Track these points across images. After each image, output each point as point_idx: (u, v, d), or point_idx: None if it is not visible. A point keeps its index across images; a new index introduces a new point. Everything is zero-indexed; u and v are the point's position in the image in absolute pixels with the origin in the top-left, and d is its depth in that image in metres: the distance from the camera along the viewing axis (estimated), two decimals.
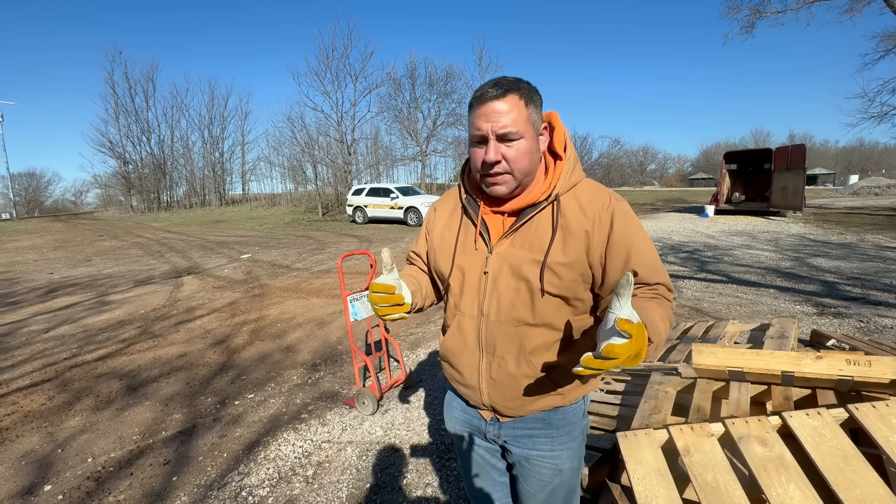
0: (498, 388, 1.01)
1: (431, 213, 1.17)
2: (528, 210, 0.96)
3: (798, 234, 10.29)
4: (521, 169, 0.92)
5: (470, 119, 0.93)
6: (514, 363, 0.98)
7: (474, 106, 0.91)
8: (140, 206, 35.11)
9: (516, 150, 0.90)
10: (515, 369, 0.98)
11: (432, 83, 29.06)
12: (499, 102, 0.88)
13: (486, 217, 1.02)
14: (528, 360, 0.97)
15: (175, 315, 5.27)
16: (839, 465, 1.19)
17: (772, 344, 2.46)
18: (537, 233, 0.95)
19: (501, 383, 1.00)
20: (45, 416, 2.95)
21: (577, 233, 0.92)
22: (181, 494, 2.14)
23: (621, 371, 2.51)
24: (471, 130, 0.93)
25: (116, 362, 3.84)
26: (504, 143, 0.90)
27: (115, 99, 34.58)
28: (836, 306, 4.66)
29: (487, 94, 0.88)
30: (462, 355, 1.05)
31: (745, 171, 17.42)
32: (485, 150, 0.91)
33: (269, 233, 15.02)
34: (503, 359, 0.98)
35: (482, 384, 1.03)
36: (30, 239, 16.10)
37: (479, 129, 0.89)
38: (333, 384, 3.30)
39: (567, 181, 0.96)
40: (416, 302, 1.04)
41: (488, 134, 0.89)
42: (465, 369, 1.05)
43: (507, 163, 0.90)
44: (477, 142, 0.92)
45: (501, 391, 1.01)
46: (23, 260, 10.65)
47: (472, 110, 0.92)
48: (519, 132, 0.89)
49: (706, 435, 1.37)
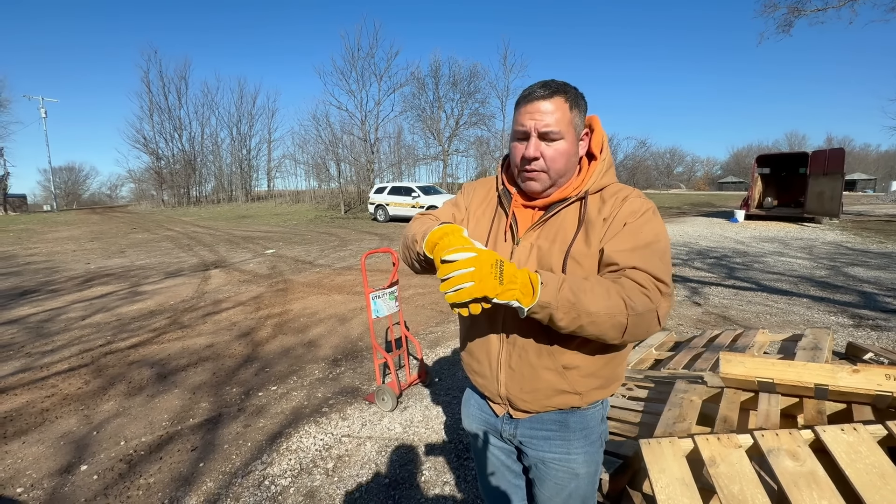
0: (516, 378, 1.01)
1: (469, 192, 1.17)
2: (556, 204, 0.99)
3: (834, 241, 9.86)
4: (557, 169, 0.95)
5: (515, 115, 0.97)
6: (536, 354, 0.98)
7: (521, 103, 0.94)
8: (171, 201, 36.39)
9: (555, 149, 0.93)
10: (537, 360, 0.98)
11: (456, 83, 29.12)
12: (545, 102, 0.91)
13: (516, 210, 1.05)
14: (550, 351, 0.97)
15: (203, 307, 5.44)
16: (876, 483, 1.14)
17: (804, 355, 2.37)
18: (563, 226, 0.98)
19: (521, 374, 1.00)
20: (81, 399, 3.09)
21: (598, 223, 0.94)
22: (207, 480, 2.22)
23: (644, 377, 2.47)
24: (514, 126, 0.97)
25: (148, 350, 3.99)
26: (545, 141, 0.93)
27: (150, 97, 35.94)
28: (874, 318, 4.45)
29: (535, 94, 0.92)
30: (482, 344, 1.06)
31: (779, 176, 16.81)
32: (525, 146, 0.94)
33: (293, 229, 15.33)
34: (525, 349, 0.99)
35: (500, 374, 1.03)
36: (68, 230, 16.88)
37: (522, 125, 0.93)
38: (354, 380, 3.35)
39: (598, 181, 0.98)
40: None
41: (531, 131, 0.92)
42: (485, 358, 1.06)
43: (544, 161, 0.94)
44: (519, 137, 0.96)
45: (519, 382, 1.01)
46: (62, 250, 11.18)
47: (518, 107, 0.95)
48: (560, 133, 0.92)
49: (734, 446, 1.33)
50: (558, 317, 0.80)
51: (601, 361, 0.99)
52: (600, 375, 1.01)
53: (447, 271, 0.77)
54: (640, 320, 0.82)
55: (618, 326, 0.82)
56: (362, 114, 27.30)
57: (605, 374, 1.01)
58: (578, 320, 0.80)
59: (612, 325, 0.81)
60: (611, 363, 1.01)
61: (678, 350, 3.13)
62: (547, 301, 0.79)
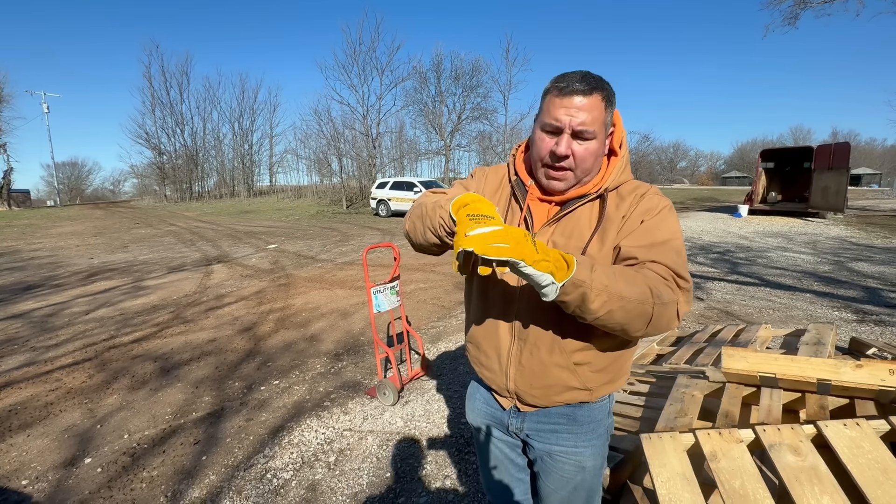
0: (526, 374, 1.00)
1: (481, 178, 1.12)
2: (574, 201, 0.96)
3: (838, 236, 9.80)
4: (585, 169, 0.92)
5: (546, 106, 0.90)
6: (548, 351, 0.97)
7: (555, 94, 0.88)
8: (173, 196, 36.42)
9: (586, 149, 0.90)
10: (548, 357, 0.97)
11: (458, 77, 28.95)
12: (583, 98, 0.86)
13: (531, 204, 1.01)
14: (563, 348, 0.96)
15: (205, 301, 5.46)
16: (878, 479, 1.14)
17: (807, 350, 2.36)
18: (579, 223, 0.96)
19: (531, 370, 0.99)
20: (85, 393, 3.11)
21: (615, 219, 0.92)
22: (210, 473, 2.23)
23: (646, 372, 2.47)
24: (544, 117, 0.90)
25: (151, 345, 4.01)
26: (577, 139, 0.89)
27: (152, 92, 35.88)
28: (878, 313, 4.43)
29: (574, 87, 0.86)
30: (492, 339, 1.04)
31: (783, 171, 16.69)
32: (555, 142, 0.89)
33: (295, 224, 15.34)
34: (536, 346, 0.97)
35: (510, 369, 1.02)
36: (72, 225, 16.94)
37: (557, 119, 0.88)
38: (355, 374, 3.36)
39: (617, 178, 0.96)
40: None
41: (565, 127, 0.88)
42: (494, 353, 1.05)
43: (573, 159, 0.90)
44: (549, 131, 0.90)
45: (529, 378, 1.00)
46: (65, 245, 11.23)
47: (550, 97, 0.89)
48: (594, 133, 0.88)
49: (735, 441, 1.33)
50: (591, 298, 0.74)
51: (611, 357, 0.99)
52: (610, 371, 1.00)
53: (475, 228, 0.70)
54: (664, 311, 0.80)
55: (644, 315, 0.78)
56: (364, 108, 27.21)
57: (615, 369, 1.01)
58: (609, 304, 0.75)
59: (639, 314, 0.78)
60: (620, 359, 1.01)
61: (680, 345, 3.12)
62: (582, 279, 0.73)
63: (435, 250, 1.01)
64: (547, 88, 0.91)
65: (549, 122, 0.89)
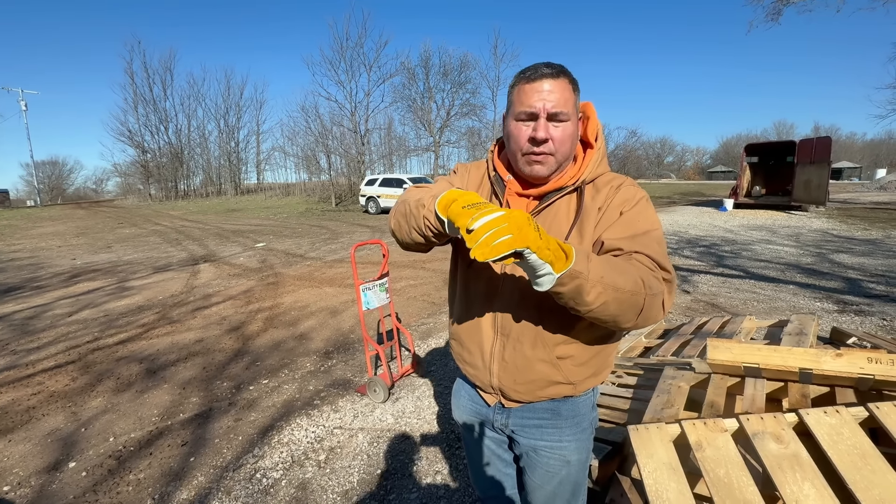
0: (510, 370, 1.00)
1: (463, 174, 1.11)
2: (551, 194, 0.96)
3: (820, 229, 10.01)
4: (564, 152, 0.92)
5: (516, 96, 0.91)
6: (531, 346, 0.97)
7: (523, 82, 0.89)
8: (158, 195, 35.74)
9: (562, 131, 0.90)
10: (531, 352, 0.97)
11: (446, 73, 28.87)
12: (553, 80, 0.87)
13: (510, 199, 1.01)
14: (545, 342, 0.96)
15: (192, 301, 5.38)
16: (857, 464, 1.17)
17: (790, 340, 2.41)
18: (557, 216, 0.96)
19: (514, 366, 0.99)
20: (68, 396, 3.05)
21: (592, 211, 0.92)
22: (198, 475, 2.20)
23: (633, 365, 2.49)
24: (517, 107, 0.90)
25: (136, 346, 3.95)
26: (552, 122, 0.89)
27: (134, 88, 35.00)
28: (858, 304, 4.54)
29: (542, 72, 0.88)
30: (474, 335, 1.04)
31: (767, 165, 16.97)
32: (532, 128, 0.89)
33: (284, 222, 15.18)
34: (519, 341, 0.98)
35: (493, 365, 1.02)
36: (53, 225, 16.56)
37: (530, 105, 0.88)
38: (345, 372, 3.34)
39: (594, 171, 0.96)
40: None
41: (539, 112, 0.87)
42: (477, 349, 1.05)
43: (553, 143, 0.90)
44: (523, 119, 0.90)
45: (513, 374, 1.00)
46: (47, 246, 10.97)
47: (519, 86, 0.90)
48: (568, 114, 0.88)
49: (719, 430, 1.35)
50: (587, 289, 0.72)
51: (594, 350, 0.99)
52: (593, 364, 1.00)
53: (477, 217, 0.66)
54: (654, 301, 0.80)
55: (636, 307, 0.78)
56: (352, 105, 26.97)
57: (598, 362, 1.01)
58: (604, 295, 0.74)
59: (631, 305, 0.77)
60: (603, 352, 1.01)
61: (667, 337, 3.17)
62: (579, 270, 0.71)
63: (422, 248, 0.99)
64: (513, 82, 0.93)
65: (523, 111, 0.89)
